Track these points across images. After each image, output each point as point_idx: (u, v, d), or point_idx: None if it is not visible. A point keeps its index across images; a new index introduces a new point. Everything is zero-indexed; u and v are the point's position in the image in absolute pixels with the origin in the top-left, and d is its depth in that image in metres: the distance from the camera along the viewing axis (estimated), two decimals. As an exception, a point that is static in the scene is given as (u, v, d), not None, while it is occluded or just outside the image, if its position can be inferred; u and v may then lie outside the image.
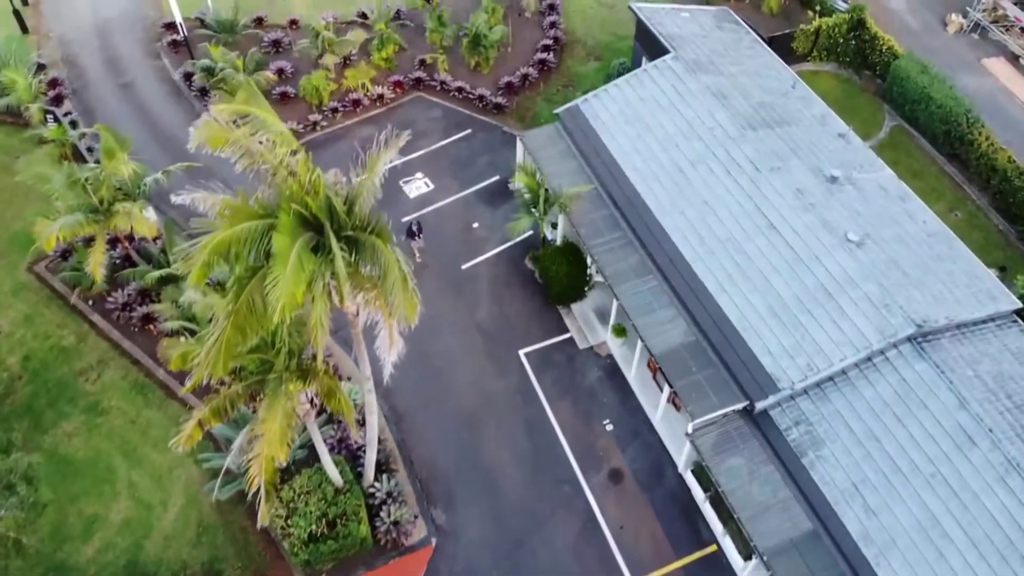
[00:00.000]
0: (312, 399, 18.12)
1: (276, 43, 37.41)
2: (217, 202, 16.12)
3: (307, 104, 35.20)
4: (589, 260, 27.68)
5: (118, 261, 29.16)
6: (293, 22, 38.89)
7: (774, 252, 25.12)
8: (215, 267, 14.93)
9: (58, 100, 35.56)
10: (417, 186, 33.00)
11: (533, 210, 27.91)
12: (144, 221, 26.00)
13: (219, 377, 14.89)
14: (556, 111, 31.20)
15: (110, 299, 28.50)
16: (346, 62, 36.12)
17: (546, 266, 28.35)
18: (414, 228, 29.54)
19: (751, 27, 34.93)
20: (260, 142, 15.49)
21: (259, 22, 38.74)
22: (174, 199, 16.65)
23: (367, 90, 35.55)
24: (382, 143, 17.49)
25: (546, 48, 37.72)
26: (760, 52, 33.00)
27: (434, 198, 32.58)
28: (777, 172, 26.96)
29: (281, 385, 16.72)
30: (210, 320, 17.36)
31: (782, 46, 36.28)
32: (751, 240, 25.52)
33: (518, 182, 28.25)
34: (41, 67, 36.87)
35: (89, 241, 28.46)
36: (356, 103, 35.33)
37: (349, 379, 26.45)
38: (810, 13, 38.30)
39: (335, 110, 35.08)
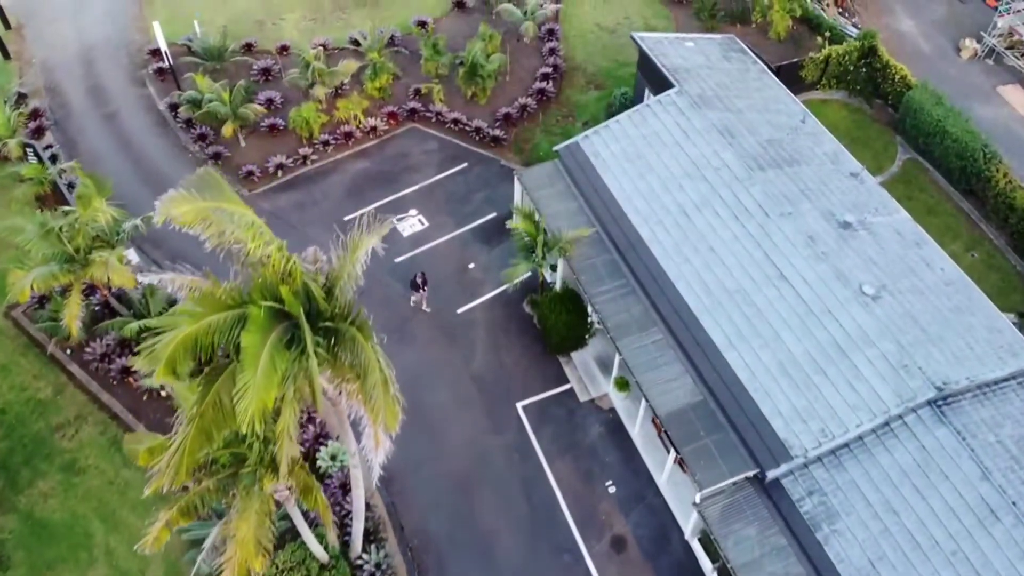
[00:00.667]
0: (290, 487, 16.81)
1: (266, 71, 36.14)
2: (185, 283, 14.85)
3: (297, 137, 33.94)
4: (590, 308, 26.39)
5: (97, 308, 27.89)
6: (284, 48, 37.63)
7: (785, 305, 23.84)
8: (182, 364, 13.64)
9: (39, 132, 34.30)
10: (411, 224, 31.71)
11: (531, 255, 26.63)
12: (121, 271, 24.71)
13: (181, 483, 13.62)
14: (555, 148, 29.92)
15: (88, 349, 27.25)
16: (338, 92, 34.85)
17: (545, 314, 27.08)
18: (418, 280, 28.16)
19: (758, 55, 33.67)
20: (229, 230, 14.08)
21: (248, 48, 37.48)
22: (141, 279, 15.36)
23: (360, 122, 34.28)
24: (364, 226, 15.87)
25: (545, 77, 36.43)
26: (768, 84, 31.72)
27: (428, 237, 31.30)
28: (787, 217, 25.66)
29: (255, 483, 15.44)
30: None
31: (790, 74, 35.03)
32: (760, 291, 24.23)
33: (515, 226, 26.93)
34: (22, 97, 35.61)
35: (66, 290, 27.16)
36: (348, 136, 34.05)
37: (337, 438, 25.17)
38: (819, 39, 37.00)
39: (326, 143, 33.82)
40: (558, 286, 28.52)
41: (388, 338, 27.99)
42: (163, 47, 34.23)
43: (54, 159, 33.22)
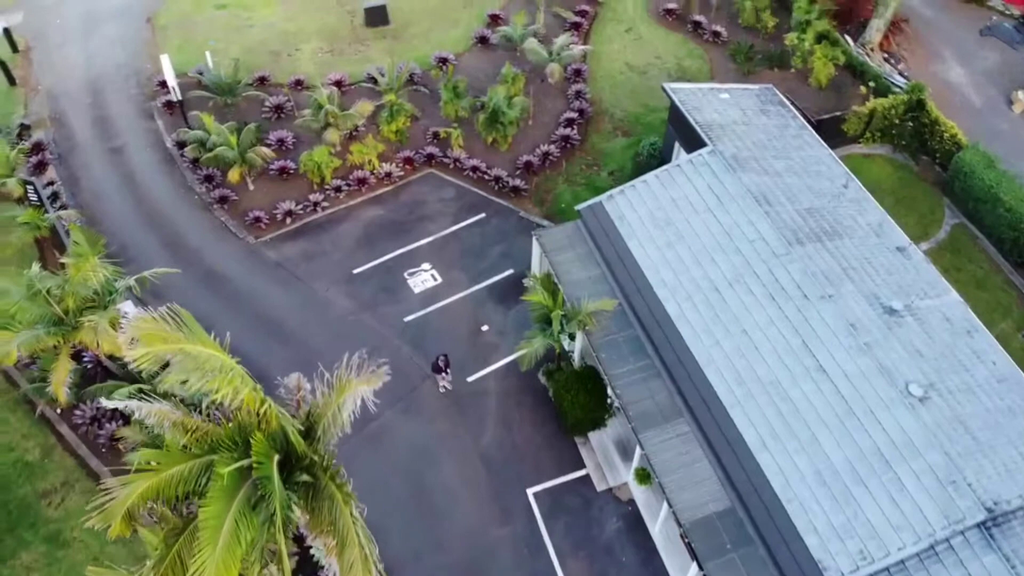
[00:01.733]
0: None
1: (278, 108, 34.60)
2: (153, 412, 13.23)
3: (308, 181, 32.36)
4: (610, 389, 24.56)
5: (90, 367, 26.41)
6: (298, 82, 36.08)
7: (823, 402, 21.88)
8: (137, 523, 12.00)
9: (41, 167, 33.00)
10: (423, 279, 30.03)
11: (547, 328, 24.85)
12: (111, 338, 23.16)
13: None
14: (577, 207, 28.09)
15: (78, 412, 25.81)
16: (352, 135, 33.23)
17: (561, 394, 25.29)
18: (440, 363, 26.26)
19: (798, 106, 31.69)
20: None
21: (262, 81, 35.97)
22: (104, 402, 13.75)
23: (374, 167, 32.65)
24: (354, 367, 14.16)
25: (570, 122, 34.63)
26: (808, 141, 29.69)
27: (441, 294, 29.59)
28: (828, 301, 23.68)
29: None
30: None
31: (831, 126, 33.02)
32: (797, 385, 22.29)
33: (531, 299, 25.15)
34: (25, 128, 34.32)
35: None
36: (362, 181, 32.44)
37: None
38: (863, 89, 34.91)
39: (338, 189, 32.22)
40: (576, 359, 26.75)
41: (395, 408, 26.65)
42: (171, 81, 32.79)
43: (55, 198, 31.88)
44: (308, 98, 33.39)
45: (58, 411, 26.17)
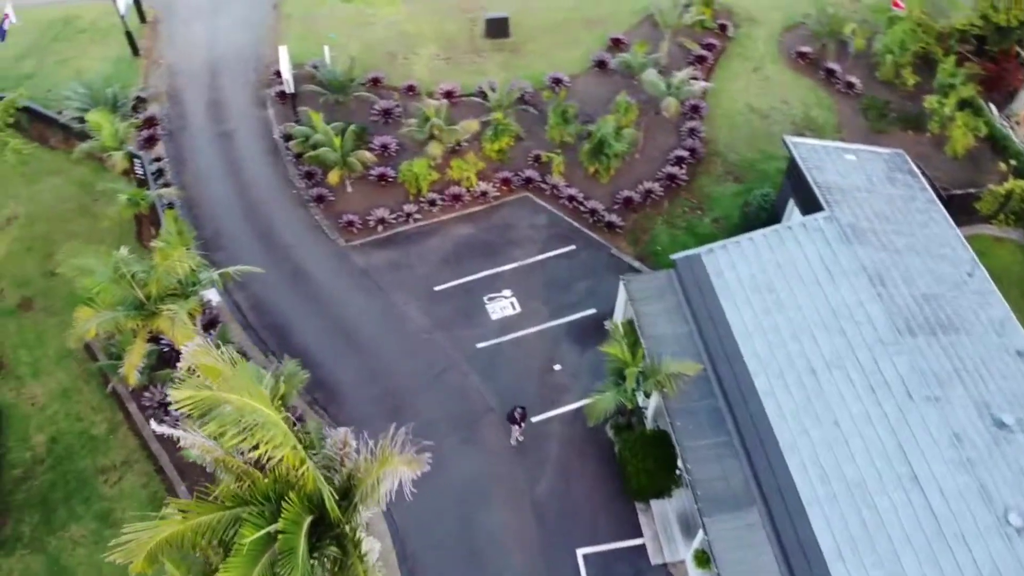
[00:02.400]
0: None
1: (387, 112, 34.37)
2: (198, 444, 12.75)
3: (404, 191, 31.97)
4: (680, 460, 23.09)
5: (167, 351, 26.70)
6: (410, 88, 35.79)
7: (912, 517, 19.87)
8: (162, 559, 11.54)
9: (151, 142, 33.78)
10: (502, 306, 29.17)
11: (621, 384, 23.59)
12: (186, 330, 23.15)
13: None
14: (673, 256, 26.66)
15: (147, 393, 26.10)
16: (455, 148, 32.64)
17: (627, 455, 23.98)
18: (516, 415, 25.03)
19: (928, 175, 29.34)
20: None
21: (375, 83, 35.81)
22: (155, 427, 13.38)
23: (471, 184, 31.98)
24: (400, 441, 13.31)
25: (679, 160, 33.11)
26: (935, 219, 27.38)
27: (518, 324, 28.65)
28: (933, 403, 21.57)
29: None
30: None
31: (963, 202, 30.48)
32: (886, 492, 20.33)
33: (609, 351, 23.92)
34: (141, 101, 35.18)
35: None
36: (456, 198, 31.83)
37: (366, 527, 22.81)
38: (1002, 165, 32.07)
39: (432, 202, 31.70)
40: (648, 419, 25.37)
41: (454, 437, 25.88)
42: (285, 74, 32.96)
43: (159, 174, 32.53)
44: (417, 108, 32.92)
45: (130, 389, 26.51)
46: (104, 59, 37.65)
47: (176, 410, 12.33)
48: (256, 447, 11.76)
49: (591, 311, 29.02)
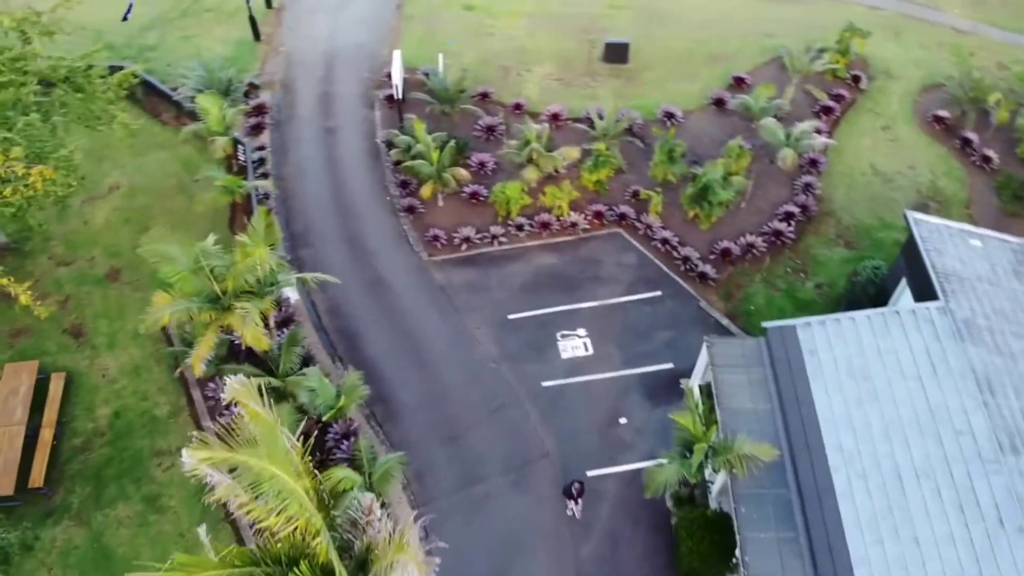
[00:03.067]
0: None
1: (490, 129, 33.70)
2: (224, 485, 12.23)
3: (494, 212, 31.23)
4: (739, 551, 21.47)
5: (236, 342, 26.75)
6: (517, 106, 35.00)
7: (991, 666, 17.76)
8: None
9: (257, 129, 34.18)
10: (574, 345, 28.03)
11: (687, 457, 22.11)
12: (256, 332, 23.07)
13: None
14: (765, 325, 24.92)
15: (212, 384, 26.24)
16: (551, 175, 31.65)
17: (683, 534, 22.49)
18: (574, 490, 23.74)
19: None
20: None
21: (483, 97, 35.20)
22: (187, 460, 12.92)
23: (562, 213, 30.96)
24: (419, 529, 12.42)
25: (787, 216, 31.15)
26: (1064, 324, 24.65)
27: (588, 367, 27.46)
28: (1031, 539, 19.28)
29: None
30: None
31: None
32: (961, 631, 18.26)
33: (679, 420, 22.46)
34: (254, 87, 35.66)
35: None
36: (545, 225, 30.87)
37: None
38: None
39: (520, 227, 30.84)
40: (712, 497, 23.77)
41: (503, 479, 24.97)
42: (396, 79, 32.69)
43: (260, 163, 32.87)
44: (518, 130, 32.03)
45: (195, 378, 26.71)
46: (226, 40, 38.43)
47: (191, 472, 11.84)
48: (266, 519, 11.17)
49: (668, 365, 27.55)
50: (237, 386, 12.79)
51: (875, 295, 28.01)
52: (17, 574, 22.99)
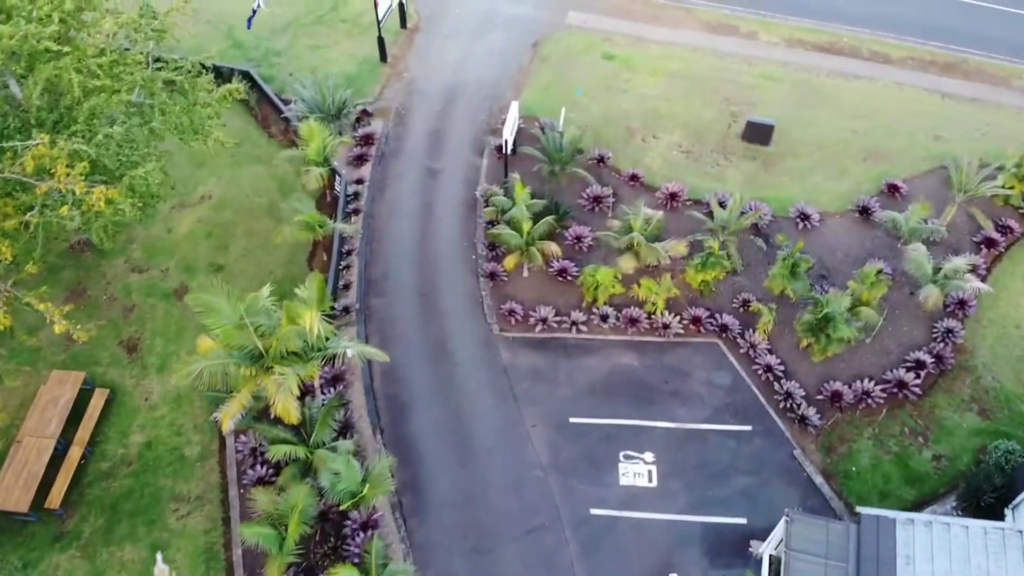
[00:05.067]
0: None
1: (597, 199, 30.84)
2: None
3: (580, 294, 28.42)
4: None
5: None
6: (634, 176, 31.92)
7: None
8: None
9: (360, 161, 32.70)
10: (637, 472, 24.92)
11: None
12: (288, 404, 21.32)
13: None
14: (860, 509, 21.08)
15: (243, 437, 24.87)
16: (650, 265, 28.49)
17: None
18: None
19: None
20: None
21: (600, 162, 32.29)
22: None
23: (654, 309, 27.77)
24: None
25: (917, 366, 26.75)
26: None
27: (648, 502, 24.30)
28: None
29: None
30: None
31: None
32: None
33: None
34: (366, 115, 34.18)
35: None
36: (633, 321, 27.80)
37: None
38: None
39: (605, 317, 27.91)
40: None
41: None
42: (507, 133, 30.27)
43: (354, 198, 31.38)
44: (624, 212, 28.87)
45: (224, 432, 25.42)
46: (352, 56, 37.20)
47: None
48: None
49: (740, 520, 24.00)
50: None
51: (1002, 487, 23.40)
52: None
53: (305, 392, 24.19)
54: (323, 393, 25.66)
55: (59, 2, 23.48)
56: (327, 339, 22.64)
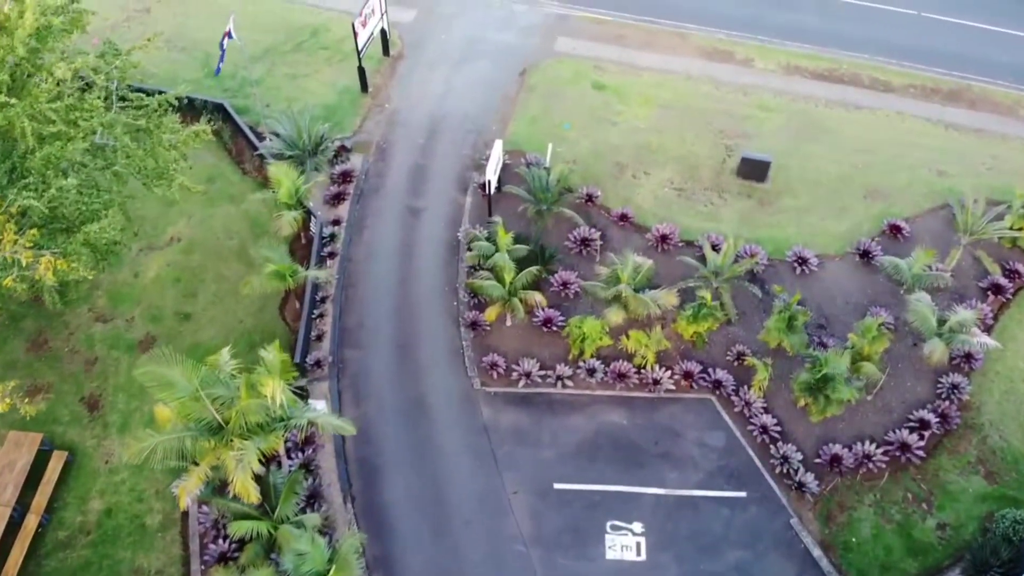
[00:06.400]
0: None
1: (585, 242, 29.40)
2: None
3: (566, 346, 27.00)
4: None
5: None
6: (623, 216, 30.48)
7: None
8: None
9: (337, 200, 31.26)
10: (624, 544, 23.52)
11: None
12: (247, 484, 19.91)
13: None
14: (860, 595, 19.72)
15: (205, 508, 23.45)
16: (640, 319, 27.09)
17: None
18: None
19: None
20: None
21: (588, 200, 30.84)
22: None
23: (644, 364, 26.37)
24: None
25: (920, 425, 25.35)
26: None
27: (634, 578, 22.90)
28: None
29: None
30: None
31: None
32: None
33: None
34: (344, 150, 32.71)
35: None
36: (622, 376, 26.39)
37: None
38: None
39: (592, 371, 26.51)
40: None
41: None
42: (489, 173, 28.92)
43: (330, 239, 29.93)
44: (611, 261, 27.33)
45: (181, 508, 23.95)
46: (332, 85, 35.72)
47: None
48: None
49: (734, 597, 22.64)
50: None
51: (1009, 561, 22.03)
52: None
53: (271, 459, 22.84)
54: (290, 458, 24.31)
55: (8, 49, 22.07)
56: (292, 408, 21.20)
